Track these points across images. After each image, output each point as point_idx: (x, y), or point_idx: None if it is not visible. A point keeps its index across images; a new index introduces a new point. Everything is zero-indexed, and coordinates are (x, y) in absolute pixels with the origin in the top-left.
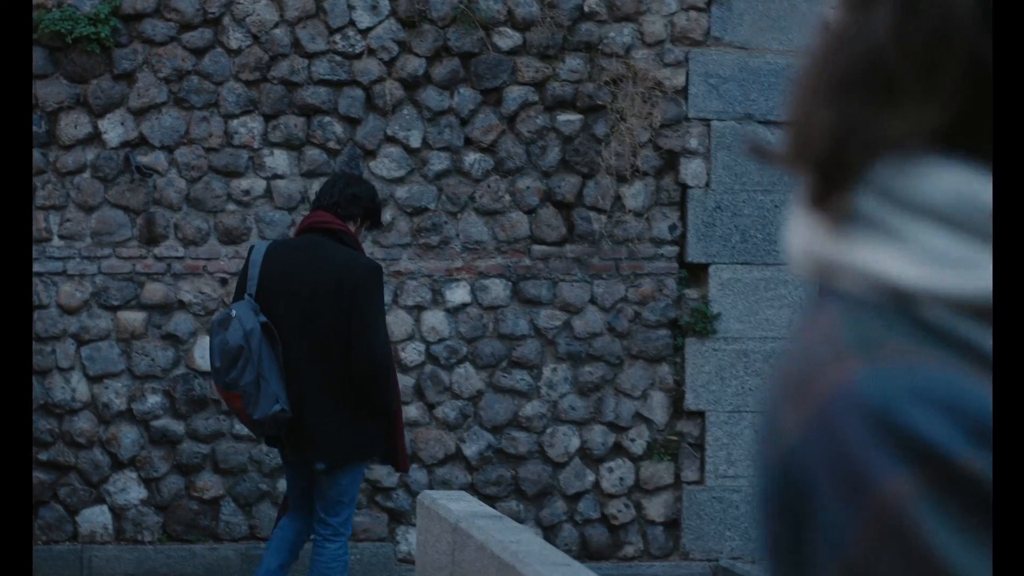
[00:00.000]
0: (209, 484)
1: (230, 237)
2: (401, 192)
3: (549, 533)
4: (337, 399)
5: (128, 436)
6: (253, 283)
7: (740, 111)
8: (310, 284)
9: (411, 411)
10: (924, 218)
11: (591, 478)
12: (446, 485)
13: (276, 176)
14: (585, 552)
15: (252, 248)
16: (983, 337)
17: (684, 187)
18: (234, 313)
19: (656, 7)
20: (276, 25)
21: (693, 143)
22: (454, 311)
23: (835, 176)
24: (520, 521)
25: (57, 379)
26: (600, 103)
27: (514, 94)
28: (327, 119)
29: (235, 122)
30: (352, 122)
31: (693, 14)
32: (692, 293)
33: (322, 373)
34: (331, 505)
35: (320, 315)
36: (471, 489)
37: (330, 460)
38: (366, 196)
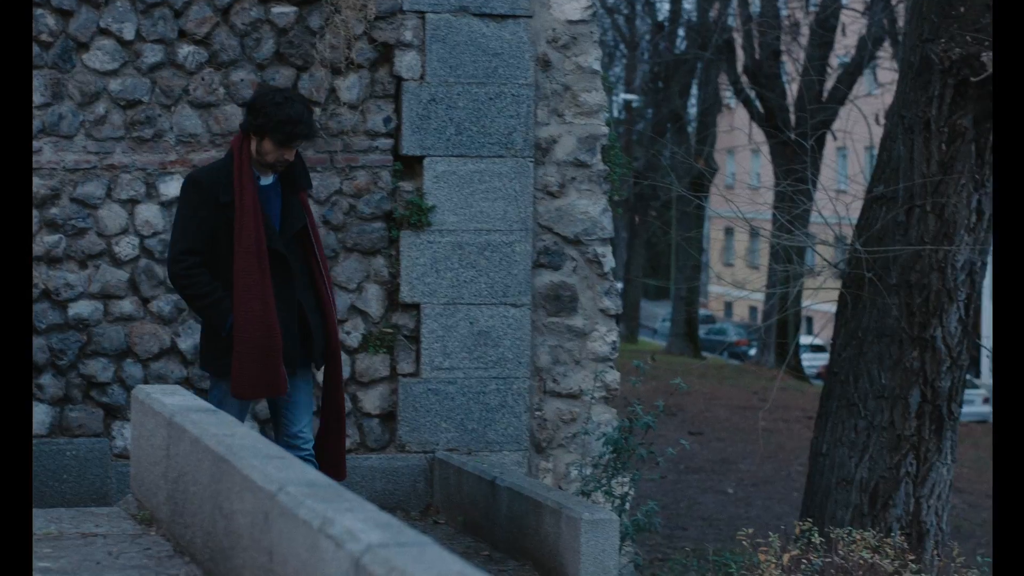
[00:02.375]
0: None
1: None
2: (114, 85)
3: (265, 426)
4: None
5: None
6: None
7: (455, 3)
8: None
9: (125, 305)
10: None
11: None
12: (161, 380)
13: None
14: None
15: None
16: None
17: (399, 80)
18: None
19: None
20: None
21: (408, 35)
22: (168, 204)
23: None
24: None
25: None
26: None
27: None
28: (39, 11)
29: None
30: (64, 14)
31: None
32: (407, 186)
33: None
34: None
35: None
36: (186, 383)
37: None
38: (250, 108)
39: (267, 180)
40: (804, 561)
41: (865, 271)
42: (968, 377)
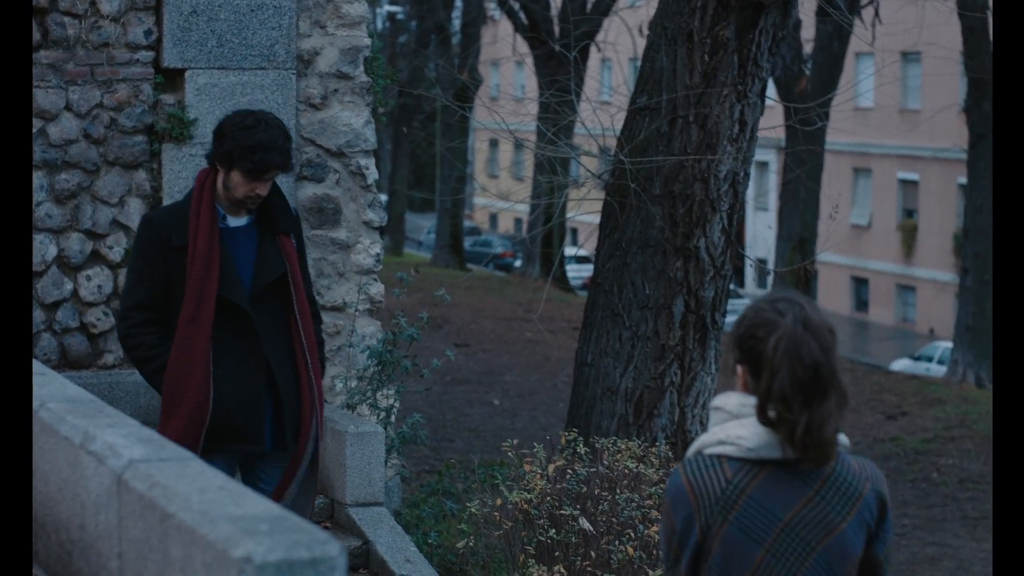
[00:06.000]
0: None
1: None
2: None
3: None
4: None
5: None
6: None
7: None
8: None
9: None
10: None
11: (69, 287)
12: None
13: None
14: (64, 361)
15: None
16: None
17: None
18: None
19: None
20: None
21: None
22: None
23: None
24: None
25: None
26: None
27: None
28: None
29: None
30: None
31: None
32: (168, 99)
33: None
34: None
35: None
36: None
37: None
38: (216, 134)
39: (238, 221)
40: (569, 471)
41: (629, 181)
42: (732, 287)
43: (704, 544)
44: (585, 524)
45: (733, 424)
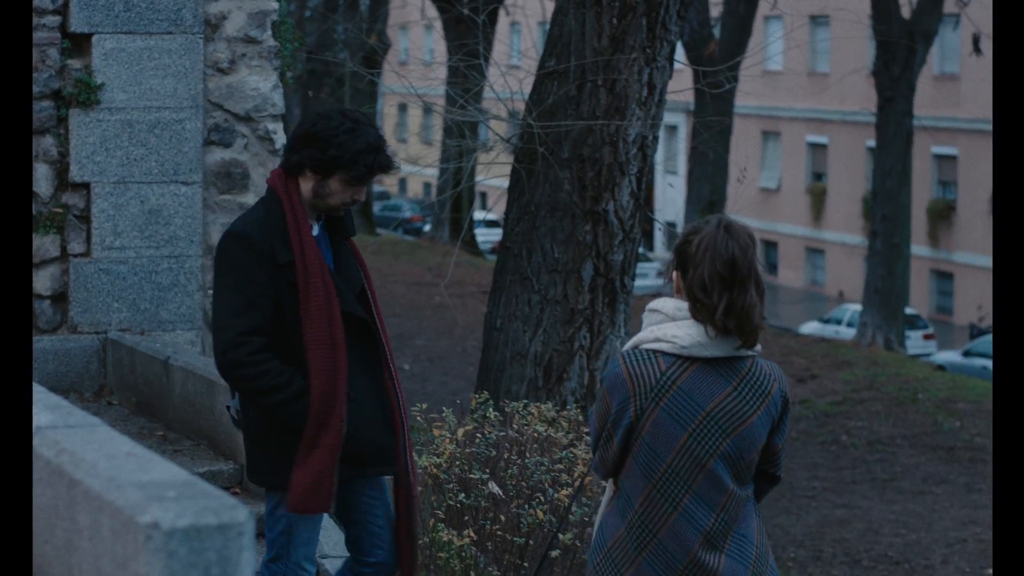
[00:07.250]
0: None
1: None
2: None
3: None
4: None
5: None
6: None
7: None
8: None
9: None
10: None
11: None
12: None
13: None
14: None
15: None
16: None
17: None
18: None
19: None
20: None
21: None
22: None
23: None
24: None
25: None
26: None
27: None
28: None
29: None
30: None
31: None
32: (75, 63)
33: None
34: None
35: None
36: None
37: (250, 475)
38: (308, 140)
39: (314, 230)
40: (479, 436)
41: (537, 146)
42: (641, 251)
43: (636, 424)
44: (495, 488)
45: (670, 325)
